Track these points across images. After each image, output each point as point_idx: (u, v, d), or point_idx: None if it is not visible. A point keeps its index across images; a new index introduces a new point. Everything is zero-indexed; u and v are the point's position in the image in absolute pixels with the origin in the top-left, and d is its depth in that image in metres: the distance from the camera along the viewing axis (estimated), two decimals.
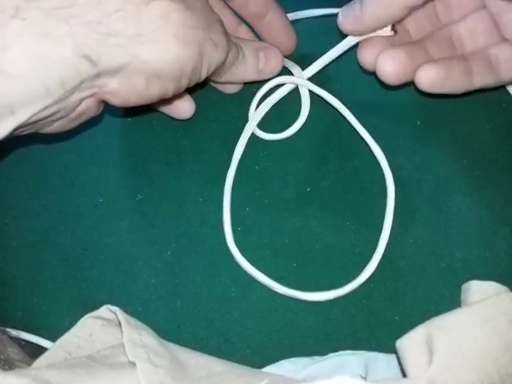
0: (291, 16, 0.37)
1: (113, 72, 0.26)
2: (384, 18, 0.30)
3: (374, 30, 0.31)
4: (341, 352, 0.27)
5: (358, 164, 0.33)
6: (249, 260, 0.30)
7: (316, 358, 0.27)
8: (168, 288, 0.30)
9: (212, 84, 0.35)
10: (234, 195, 0.32)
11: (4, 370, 0.21)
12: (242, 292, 0.30)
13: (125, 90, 0.27)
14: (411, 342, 0.22)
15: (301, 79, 0.34)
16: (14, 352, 0.23)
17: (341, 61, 0.34)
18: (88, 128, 0.34)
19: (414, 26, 0.32)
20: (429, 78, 0.30)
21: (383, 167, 0.32)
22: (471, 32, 0.32)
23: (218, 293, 0.30)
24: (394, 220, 0.31)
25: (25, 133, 0.28)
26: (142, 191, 0.33)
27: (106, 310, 0.23)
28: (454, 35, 0.32)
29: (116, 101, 0.28)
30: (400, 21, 0.30)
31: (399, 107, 0.34)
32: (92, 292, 0.30)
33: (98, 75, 0.26)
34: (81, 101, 0.27)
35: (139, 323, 0.23)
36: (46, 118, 0.26)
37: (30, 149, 0.34)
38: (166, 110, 0.34)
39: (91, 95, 0.27)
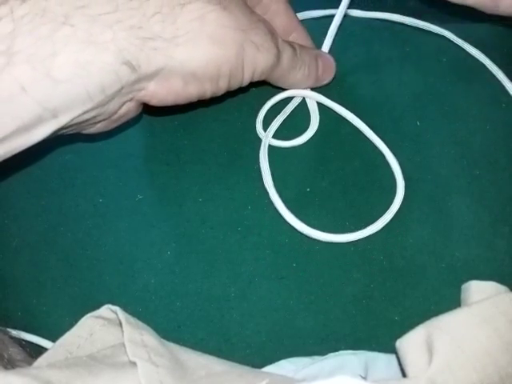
0: None
1: (151, 75, 0.27)
2: None
3: None
4: (341, 352, 0.27)
5: (357, 164, 0.33)
6: (249, 260, 0.30)
7: (316, 357, 0.26)
8: (168, 288, 0.30)
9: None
10: (234, 195, 0.32)
11: (5, 369, 0.21)
12: (242, 292, 0.30)
13: (163, 91, 0.28)
14: (411, 342, 0.22)
15: (308, 91, 0.34)
16: (14, 352, 0.23)
17: (340, 61, 0.34)
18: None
19: None
20: None
21: (390, 162, 0.32)
22: None
23: (217, 293, 0.30)
24: (393, 220, 0.31)
25: (67, 133, 0.28)
26: (142, 191, 0.33)
27: (106, 310, 0.23)
28: None
29: (155, 101, 0.28)
30: None
31: (399, 107, 0.34)
32: (92, 292, 0.30)
33: (138, 80, 0.26)
34: (121, 104, 0.28)
35: (140, 323, 0.23)
36: (87, 120, 0.27)
37: (30, 149, 0.34)
38: None
39: (131, 99, 0.28)
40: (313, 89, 0.35)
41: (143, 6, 0.26)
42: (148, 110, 0.32)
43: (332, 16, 0.36)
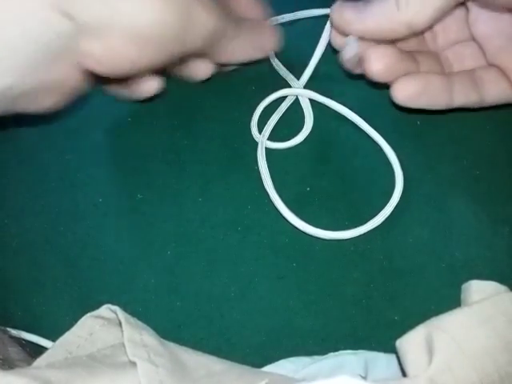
0: (290, 16, 0.37)
1: (94, 32, 0.24)
2: (385, 28, 0.29)
3: (368, 36, 0.29)
4: (340, 352, 0.27)
5: (357, 164, 0.33)
6: (249, 260, 0.30)
7: (316, 357, 0.27)
8: (168, 288, 0.30)
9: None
10: (233, 195, 0.32)
11: (4, 369, 0.21)
12: (242, 292, 0.30)
13: (109, 55, 0.25)
14: (411, 342, 0.22)
15: (300, 89, 0.34)
16: (14, 351, 0.23)
17: (338, 63, 0.34)
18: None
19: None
20: (405, 92, 0.29)
21: (391, 160, 0.32)
22: (459, 55, 0.32)
23: (217, 292, 0.30)
24: (393, 220, 0.31)
25: (13, 112, 0.26)
26: (142, 191, 0.33)
27: (106, 310, 0.23)
28: (442, 57, 0.32)
29: (102, 69, 0.25)
30: (395, 40, 0.30)
31: (399, 107, 0.34)
32: (92, 292, 0.30)
33: (79, 34, 0.23)
34: (65, 71, 0.25)
35: (139, 323, 0.23)
36: (29, 91, 0.24)
37: (29, 149, 0.34)
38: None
39: (75, 64, 0.25)
40: (308, 88, 0.35)
41: None
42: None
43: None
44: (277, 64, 0.35)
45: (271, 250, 0.31)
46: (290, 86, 0.35)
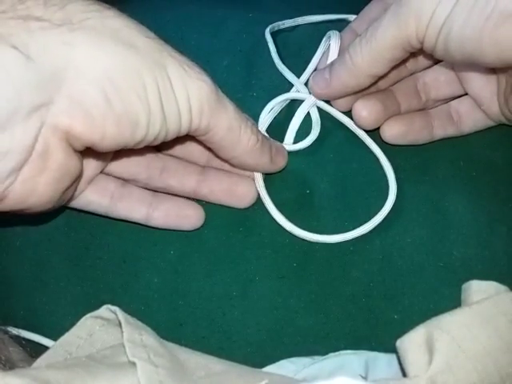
0: (290, 22, 0.38)
1: (55, 80, 0.21)
2: (350, 85, 0.31)
3: (342, 95, 0.32)
4: (341, 352, 0.27)
5: (356, 166, 0.33)
6: (250, 259, 0.30)
7: (316, 357, 0.27)
8: (170, 287, 0.30)
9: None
10: None
11: (4, 369, 0.21)
12: (243, 291, 0.30)
13: (82, 114, 0.21)
14: (411, 342, 0.22)
15: (307, 95, 0.34)
16: (15, 351, 0.24)
17: None
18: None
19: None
20: (392, 133, 0.32)
21: (384, 165, 0.32)
22: (435, 81, 0.33)
23: (219, 292, 0.30)
24: (393, 220, 0.31)
25: None
26: None
27: (106, 310, 0.23)
28: (419, 83, 0.33)
29: (83, 138, 0.22)
30: (365, 88, 0.31)
31: None
32: (95, 291, 0.30)
33: (41, 82, 0.20)
34: (33, 133, 0.21)
35: (139, 323, 0.23)
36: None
37: None
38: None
39: (43, 126, 0.21)
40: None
41: None
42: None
43: (330, 21, 0.36)
44: (283, 68, 0.36)
45: (272, 250, 0.31)
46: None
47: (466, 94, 0.33)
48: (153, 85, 0.23)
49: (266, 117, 0.34)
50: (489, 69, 0.30)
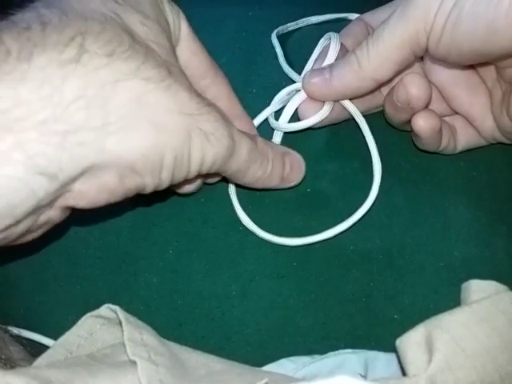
0: (292, 25, 0.38)
1: (78, 176, 0.22)
2: (352, 87, 0.30)
3: (339, 97, 0.31)
4: (340, 351, 0.27)
5: (357, 165, 0.33)
6: (250, 259, 0.30)
7: (316, 356, 0.27)
8: (170, 286, 0.30)
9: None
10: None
11: (5, 368, 0.21)
12: (243, 291, 0.30)
13: (92, 191, 0.23)
14: (411, 341, 0.22)
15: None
16: (15, 351, 0.24)
17: None
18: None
19: None
20: (428, 123, 0.30)
21: (374, 162, 0.32)
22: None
23: (219, 291, 0.30)
24: (393, 220, 0.31)
25: None
26: None
27: (106, 309, 0.23)
28: None
29: (83, 204, 0.23)
30: (365, 93, 0.31)
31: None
32: (94, 290, 0.30)
33: (60, 188, 0.21)
34: (37, 218, 0.23)
35: (139, 322, 0.23)
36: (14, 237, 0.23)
37: None
38: None
39: (57, 206, 0.23)
40: None
41: (58, 89, 0.20)
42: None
43: (330, 21, 0.37)
44: (289, 71, 0.36)
45: (271, 250, 0.31)
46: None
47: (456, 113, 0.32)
48: (170, 162, 0.24)
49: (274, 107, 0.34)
50: (477, 81, 0.30)
